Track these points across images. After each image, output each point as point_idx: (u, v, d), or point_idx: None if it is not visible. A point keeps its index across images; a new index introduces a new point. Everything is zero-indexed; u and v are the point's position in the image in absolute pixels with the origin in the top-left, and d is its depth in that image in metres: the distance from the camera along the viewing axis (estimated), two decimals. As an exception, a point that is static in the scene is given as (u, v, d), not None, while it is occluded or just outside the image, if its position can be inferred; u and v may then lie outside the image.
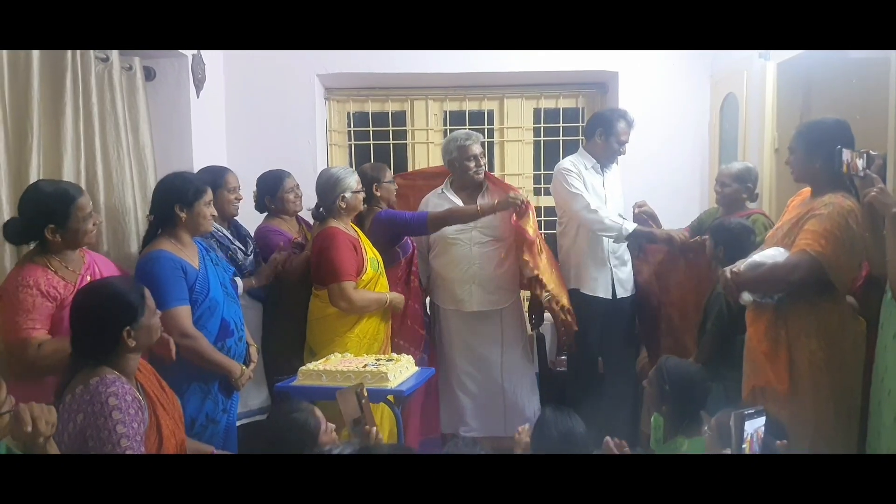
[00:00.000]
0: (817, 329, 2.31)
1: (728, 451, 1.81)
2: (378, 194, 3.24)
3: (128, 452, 1.66)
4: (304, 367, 2.60)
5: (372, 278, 2.98)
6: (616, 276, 3.35)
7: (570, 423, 2.04)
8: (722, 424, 1.97)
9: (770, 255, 2.39)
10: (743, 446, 1.79)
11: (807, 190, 2.49)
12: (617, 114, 3.38)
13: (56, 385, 1.82)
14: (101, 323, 1.77)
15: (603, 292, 3.33)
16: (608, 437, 2.06)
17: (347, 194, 2.95)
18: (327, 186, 2.98)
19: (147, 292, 1.89)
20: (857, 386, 2.32)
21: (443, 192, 3.42)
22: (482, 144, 3.39)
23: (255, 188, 3.22)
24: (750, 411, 1.83)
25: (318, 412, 2.03)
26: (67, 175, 2.44)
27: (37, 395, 1.62)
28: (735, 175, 3.11)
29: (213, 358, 2.38)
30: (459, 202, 3.35)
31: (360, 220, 3.16)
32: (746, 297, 2.44)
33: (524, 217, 3.17)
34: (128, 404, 1.70)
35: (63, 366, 1.84)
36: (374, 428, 2.09)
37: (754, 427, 1.82)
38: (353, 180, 2.98)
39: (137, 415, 1.73)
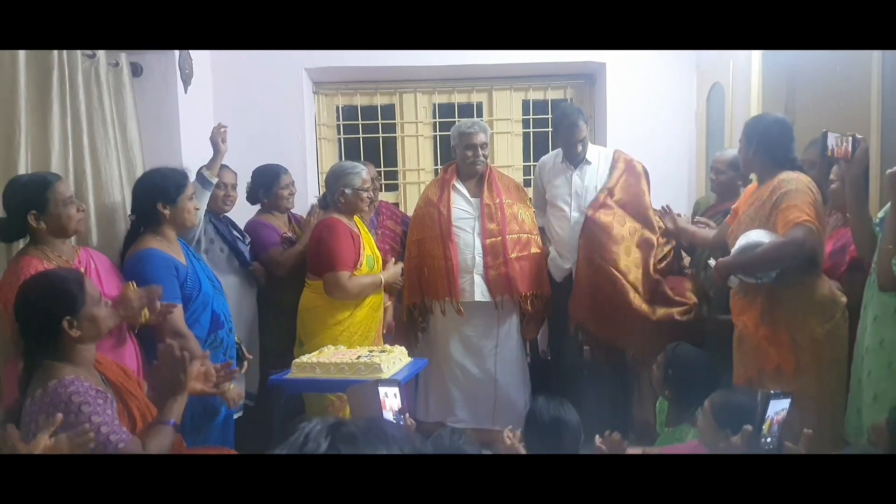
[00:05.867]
0: (811, 304, 2.36)
1: (728, 433, 1.79)
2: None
3: (111, 438, 1.66)
4: (297, 360, 2.61)
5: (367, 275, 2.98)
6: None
7: (561, 410, 2.02)
8: (716, 406, 1.95)
9: (758, 235, 2.37)
10: (763, 428, 1.76)
11: (753, 185, 2.59)
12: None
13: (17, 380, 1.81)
14: (39, 314, 1.76)
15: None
16: (599, 437, 2.00)
17: (347, 191, 2.94)
18: (332, 179, 3.00)
19: (88, 282, 1.85)
20: (846, 354, 2.35)
21: (448, 179, 3.39)
22: (488, 136, 3.35)
23: (248, 180, 3.24)
24: (776, 392, 1.80)
25: None
26: (55, 172, 2.42)
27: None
28: (730, 162, 3.11)
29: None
30: (465, 191, 3.36)
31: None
32: (733, 279, 2.48)
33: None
34: (92, 398, 1.70)
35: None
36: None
37: (776, 409, 1.78)
38: (357, 178, 2.96)
39: (106, 404, 1.73)
